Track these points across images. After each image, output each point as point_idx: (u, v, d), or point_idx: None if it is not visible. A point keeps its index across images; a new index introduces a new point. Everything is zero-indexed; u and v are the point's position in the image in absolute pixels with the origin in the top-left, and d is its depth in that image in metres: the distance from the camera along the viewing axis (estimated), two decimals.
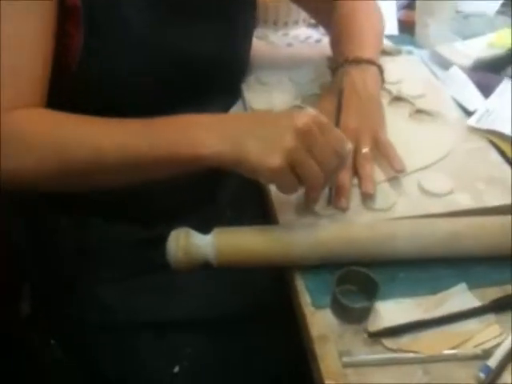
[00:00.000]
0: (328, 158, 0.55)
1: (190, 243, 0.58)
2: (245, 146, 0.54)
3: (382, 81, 0.78)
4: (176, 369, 0.72)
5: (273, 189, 0.66)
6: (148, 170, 0.59)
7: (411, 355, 0.52)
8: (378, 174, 0.68)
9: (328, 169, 0.55)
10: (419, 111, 0.80)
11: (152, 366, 0.73)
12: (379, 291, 0.54)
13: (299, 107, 0.81)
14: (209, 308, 0.74)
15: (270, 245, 0.58)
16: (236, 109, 0.84)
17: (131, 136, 0.58)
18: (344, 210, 0.64)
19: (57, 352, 0.82)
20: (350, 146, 0.58)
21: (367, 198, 0.65)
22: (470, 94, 0.83)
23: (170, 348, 0.73)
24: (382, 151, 0.69)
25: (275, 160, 0.52)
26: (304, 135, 0.53)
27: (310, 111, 0.55)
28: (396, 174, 0.67)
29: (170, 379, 0.72)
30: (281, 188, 0.56)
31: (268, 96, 0.85)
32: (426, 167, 0.71)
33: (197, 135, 0.56)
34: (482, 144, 0.75)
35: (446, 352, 0.53)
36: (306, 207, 0.64)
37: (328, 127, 0.56)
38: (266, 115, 0.60)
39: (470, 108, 0.80)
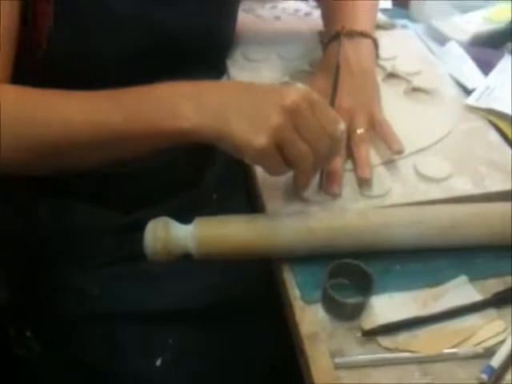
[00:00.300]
0: (319, 140, 0.51)
1: (168, 234, 0.53)
2: (228, 121, 0.50)
3: (377, 55, 0.73)
4: (158, 362, 0.68)
5: (260, 173, 0.62)
6: (124, 146, 0.54)
7: (408, 355, 0.49)
8: (373, 158, 0.64)
9: (319, 151, 0.51)
10: (415, 89, 0.76)
11: (133, 358, 0.69)
12: (374, 286, 0.50)
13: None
14: (193, 297, 0.70)
15: (256, 235, 0.54)
16: None
17: (103, 108, 0.53)
18: (336, 196, 0.60)
19: (33, 343, 0.78)
20: (343, 126, 0.53)
21: (363, 183, 0.60)
22: (469, 71, 0.79)
23: (151, 340, 0.69)
24: (379, 131, 0.64)
25: (261, 139, 0.48)
26: (293, 113, 0.49)
27: (301, 87, 0.51)
28: (394, 155, 0.63)
29: (152, 372, 0.68)
30: (267, 169, 0.53)
31: (255, 73, 0.80)
32: (422, 150, 0.66)
33: (176, 106, 0.52)
34: (481, 124, 0.71)
35: (446, 351, 0.49)
36: (296, 193, 0.59)
37: (320, 105, 0.51)
38: (252, 88, 0.55)
39: (469, 86, 0.76)
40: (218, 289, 0.71)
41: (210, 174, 0.77)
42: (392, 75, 0.78)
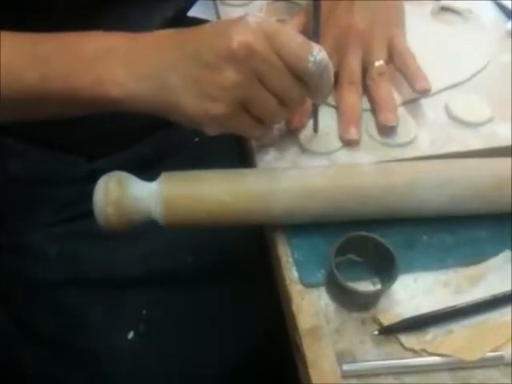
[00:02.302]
0: (285, 83, 0.41)
1: (124, 195, 0.40)
2: (173, 90, 0.41)
3: None
4: (131, 334, 0.59)
5: None
6: (46, 108, 0.45)
7: (439, 359, 0.37)
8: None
9: (287, 95, 0.42)
10: (444, 8, 0.62)
11: (100, 331, 0.60)
12: (397, 270, 0.38)
13: (284, 2, 0.61)
14: (167, 259, 0.60)
15: (241, 197, 0.41)
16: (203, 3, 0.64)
17: (18, 59, 0.43)
18: (354, 143, 0.48)
19: None
20: (322, 53, 0.41)
21: (387, 131, 0.47)
22: None
23: (121, 309, 0.60)
24: (400, 63, 0.51)
25: (218, 107, 0.40)
26: (247, 59, 0.39)
27: (249, 20, 0.40)
28: (419, 95, 0.49)
29: (123, 346, 0.59)
30: (238, 132, 0.45)
31: None
32: (454, 86, 0.53)
33: (104, 68, 0.42)
34: None
35: (489, 355, 0.37)
36: (293, 142, 0.46)
37: (281, 38, 0.40)
38: (190, 37, 0.43)
39: (510, 7, 0.62)
40: (197, 249, 0.60)
41: None
42: None
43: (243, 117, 0.42)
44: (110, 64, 0.42)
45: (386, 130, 0.48)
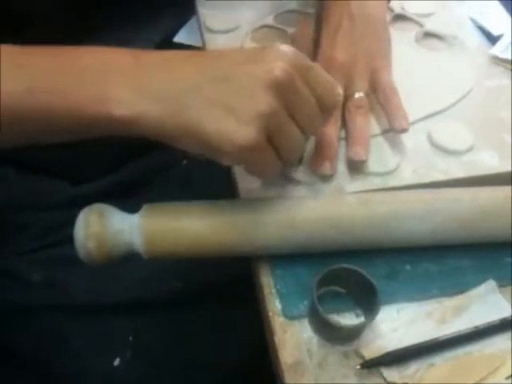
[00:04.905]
0: (314, 118, 0.39)
1: (105, 228, 0.40)
2: (195, 111, 0.37)
3: None
4: (116, 361, 0.58)
5: None
6: (28, 128, 0.40)
7: None
8: (375, 125, 0.51)
9: (311, 130, 0.39)
10: (429, 34, 0.62)
11: (86, 358, 0.59)
12: (379, 304, 0.38)
13: (271, 28, 0.62)
14: (154, 285, 0.60)
15: (221, 229, 0.41)
16: (188, 29, 0.64)
17: (5, 73, 0.38)
18: (328, 177, 0.46)
19: None
20: (340, 92, 0.40)
21: (356, 165, 0.47)
22: (494, 14, 0.65)
23: (107, 336, 0.59)
24: (382, 98, 0.51)
25: (248, 134, 0.36)
26: (285, 90, 0.37)
27: (285, 49, 0.38)
28: (397, 133, 0.49)
29: (109, 373, 0.58)
30: (256, 169, 0.40)
31: (230, 12, 0.64)
32: (437, 113, 0.53)
33: (106, 84, 0.38)
34: (508, 81, 0.58)
35: None
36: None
37: (313, 71, 0.39)
38: (225, 58, 0.40)
39: (494, 32, 0.63)
40: (182, 275, 0.60)
41: None
42: (400, 17, 0.63)
43: (267, 149, 0.38)
44: (114, 82, 0.38)
45: (356, 164, 0.47)
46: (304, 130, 0.39)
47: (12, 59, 0.39)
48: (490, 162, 0.49)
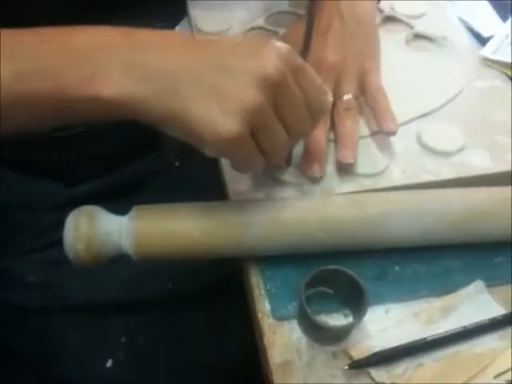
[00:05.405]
0: (300, 120, 0.38)
1: (94, 230, 0.40)
2: (181, 95, 0.36)
3: None
4: (109, 362, 0.59)
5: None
6: (18, 112, 0.38)
7: None
8: (364, 126, 0.51)
9: (297, 133, 0.39)
10: (418, 36, 0.62)
11: (79, 359, 0.59)
12: (367, 305, 0.38)
13: (262, 30, 0.62)
14: (147, 286, 0.60)
15: (211, 230, 0.41)
16: (180, 31, 0.65)
17: None
18: (317, 179, 0.47)
19: None
20: (330, 99, 0.40)
21: (344, 167, 0.47)
22: (484, 16, 0.65)
23: (100, 337, 0.59)
24: (370, 100, 0.51)
25: (232, 125, 0.35)
26: (275, 88, 0.36)
27: (281, 46, 0.37)
28: (385, 135, 0.49)
29: (102, 374, 0.59)
30: (236, 163, 0.40)
31: (222, 13, 0.65)
32: (427, 114, 0.53)
33: (96, 64, 0.37)
34: (499, 82, 0.58)
35: None
36: (265, 172, 0.46)
37: (306, 73, 0.38)
38: (223, 46, 0.40)
39: (484, 33, 0.63)
40: (176, 276, 0.60)
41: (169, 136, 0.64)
42: (390, 19, 0.64)
43: (249, 144, 0.38)
44: (104, 61, 0.37)
45: (343, 166, 0.47)
46: (290, 131, 0.38)
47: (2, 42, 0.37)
48: (480, 163, 0.49)
